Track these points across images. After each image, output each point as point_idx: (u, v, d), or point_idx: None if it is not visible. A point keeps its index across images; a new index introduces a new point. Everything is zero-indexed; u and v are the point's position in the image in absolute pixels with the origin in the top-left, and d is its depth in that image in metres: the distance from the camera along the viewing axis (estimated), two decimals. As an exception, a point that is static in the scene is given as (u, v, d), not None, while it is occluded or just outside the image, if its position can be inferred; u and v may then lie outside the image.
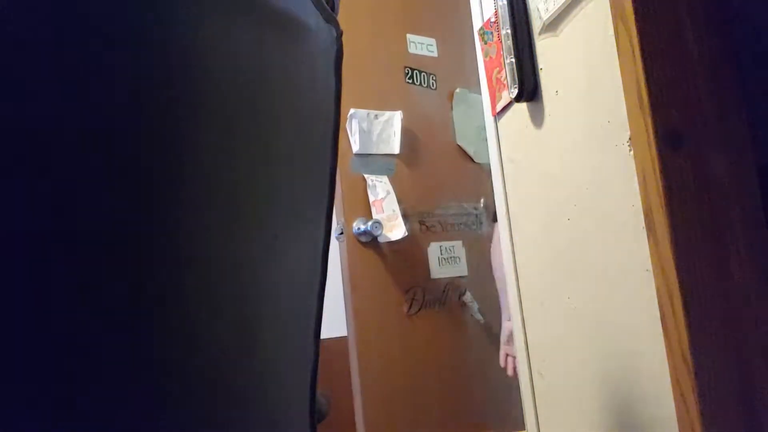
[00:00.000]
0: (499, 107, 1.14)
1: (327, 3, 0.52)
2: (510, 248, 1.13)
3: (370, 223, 1.72)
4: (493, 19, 1.12)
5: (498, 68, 1.12)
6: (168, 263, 0.36)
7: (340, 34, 0.54)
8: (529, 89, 0.98)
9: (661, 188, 0.66)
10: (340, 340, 1.79)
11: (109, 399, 0.33)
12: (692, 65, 0.68)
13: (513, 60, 0.98)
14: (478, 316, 1.89)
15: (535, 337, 1.07)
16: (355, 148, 1.79)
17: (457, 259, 1.92)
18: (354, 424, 1.70)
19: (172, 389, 0.36)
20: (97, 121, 0.33)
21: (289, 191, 0.48)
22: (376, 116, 1.83)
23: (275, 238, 0.45)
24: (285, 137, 0.47)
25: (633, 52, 0.68)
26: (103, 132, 0.33)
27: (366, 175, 1.80)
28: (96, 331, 0.32)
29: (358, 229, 1.74)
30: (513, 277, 1.12)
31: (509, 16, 0.98)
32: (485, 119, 1.22)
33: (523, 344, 1.10)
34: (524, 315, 1.10)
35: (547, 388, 1.03)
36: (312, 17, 0.50)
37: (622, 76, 0.72)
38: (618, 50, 0.72)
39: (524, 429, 1.12)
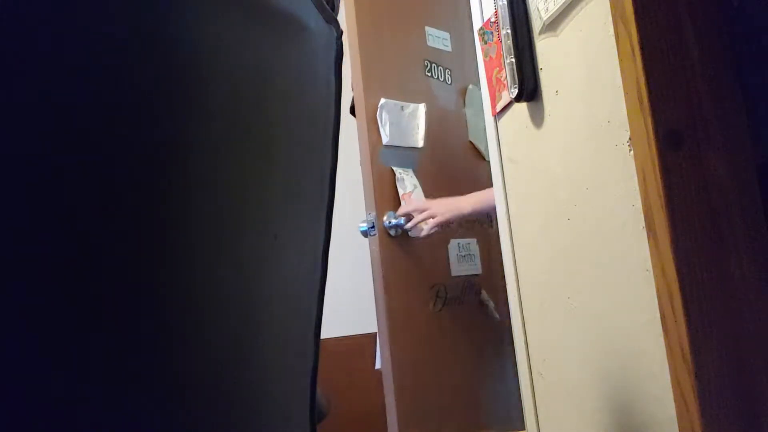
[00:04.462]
0: (499, 107, 1.14)
1: (327, 3, 0.53)
2: (510, 248, 1.13)
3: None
4: (493, 19, 1.12)
5: (498, 68, 1.12)
6: (168, 264, 0.36)
7: (340, 34, 0.54)
8: (529, 89, 0.98)
9: (661, 188, 0.66)
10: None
11: (109, 401, 0.33)
12: (692, 65, 0.68)
13: (513, 60, 0.98)
14: (496, 315, 1.88)
15: (535, 337, 1.07)
16: (385, 139, 1.75)
17: (473, 257, 1.91)
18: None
19: (172, 390, 0.36)
20: (96, 121, 0.33)
21: (290, 191, 0.48)
22: (402, 108, 1.80)
23: (275, 238, 0.45)
24: (285, 137, 0.47)
25: (633, 52, 0.68)
26: (103, 132, 0.33)
27: (394, 168, 1.77)
28: (95, 333, 0.32)
29: (389, 222, 1.71)
30: (513, 277, 1.12)
31: (509, 16, 0.98)
32: (485, 119, 1.22)
33: (523, 344, 1.10)
34: (524, 315, 1.10)
35: (547, 388, 1.03)
36: (312, 17, 0.50)
37: (622, 76, 0.72)
38: (618, 50, 0.72)
39: (524, 429, 1.12)
